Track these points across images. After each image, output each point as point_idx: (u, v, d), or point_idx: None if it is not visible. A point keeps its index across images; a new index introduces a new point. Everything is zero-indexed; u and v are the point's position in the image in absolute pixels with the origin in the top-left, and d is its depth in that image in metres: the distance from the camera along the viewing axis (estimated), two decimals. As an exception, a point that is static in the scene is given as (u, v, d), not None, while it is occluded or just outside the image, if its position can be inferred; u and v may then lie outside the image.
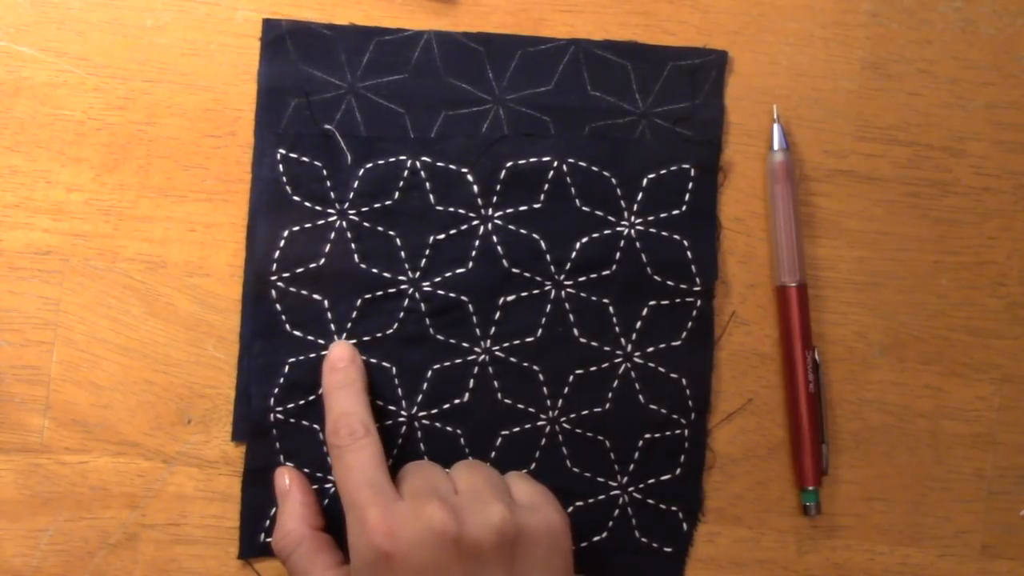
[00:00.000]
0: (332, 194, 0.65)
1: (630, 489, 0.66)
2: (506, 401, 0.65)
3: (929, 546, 0.67)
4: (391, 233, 0.65)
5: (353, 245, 0.65)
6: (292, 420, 0.65)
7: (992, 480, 0.67)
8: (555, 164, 0.65)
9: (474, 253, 0.65)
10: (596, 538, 0.66)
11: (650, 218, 0.66)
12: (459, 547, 0.55)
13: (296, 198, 0.65)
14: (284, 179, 0.65)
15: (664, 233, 0.66)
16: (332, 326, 0.65)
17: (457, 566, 0.55)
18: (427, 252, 0.65)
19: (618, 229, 0.65)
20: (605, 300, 0.65)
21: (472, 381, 0.65)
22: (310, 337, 0.65)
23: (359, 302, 0.65)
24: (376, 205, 0.65)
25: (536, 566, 0.57)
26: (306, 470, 0.65)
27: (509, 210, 0.65)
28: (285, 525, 0.62)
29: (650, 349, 0.66)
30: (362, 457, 0.58)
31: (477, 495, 0.58)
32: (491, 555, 0.55)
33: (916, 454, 0.67)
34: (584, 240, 0.65)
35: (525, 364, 0.65)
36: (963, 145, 0.67)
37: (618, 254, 0.65)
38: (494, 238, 0.65)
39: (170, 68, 0.66)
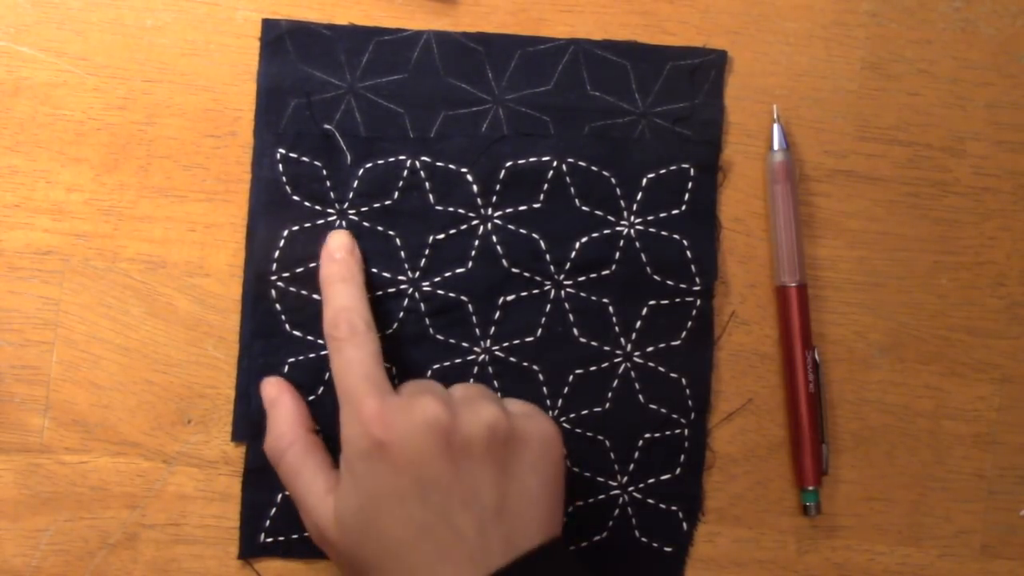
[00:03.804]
0: (332, 194, 0.65)
1: (630, 489, 0.66)
2: (506, 401, 0.65)
3: (929, 546, 0.67)
4: (391, 233, 0.65)
5: (353, 245, 0.65)
6: (292, 420, 0.65)
7: (992, 480, 0.67)
8: (554, 164, 0.65)
9: (474, 253, 0.65)
10: (596, 538, 0.66)
11: (650, 218, 0.66)
12: (450, 439, 0.55)
13: (296, 198, 0.65)
14: (284, 179, 0.65)
15: (664, 233, 0.66)
16: (332, 326, 0.65)
17: (447, 458, 0.55)
18: (427, 252, 0.65)
19: (618, 229, 0.65)
20: (605, 300, 0.65)
21: (472, 381, 0.65)
22: (310, 337, 0.65)
23: (359, 302, 0.65)
24: (376, 205, 0.65)
25: (526, 468, 0.57)
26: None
27: (509, 210, 0.65)
28: (276, 428, 0.62)
29: (650, 349, 0.66)
30: (362, 353, 0.58)
31: (471, 398, 0.58)
32: (482, 451, 0.56)
33: (916, 454, 0.67)
34: (584, 240, 0.65)
35: (525, 364, 0.65)
36: (963, 145, 0.67)
37: (618, 254, 0.65)
38: (494, 238, 0.65)
39: (170, 68, 0.66)
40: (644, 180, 0.66)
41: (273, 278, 0.65)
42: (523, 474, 0.57)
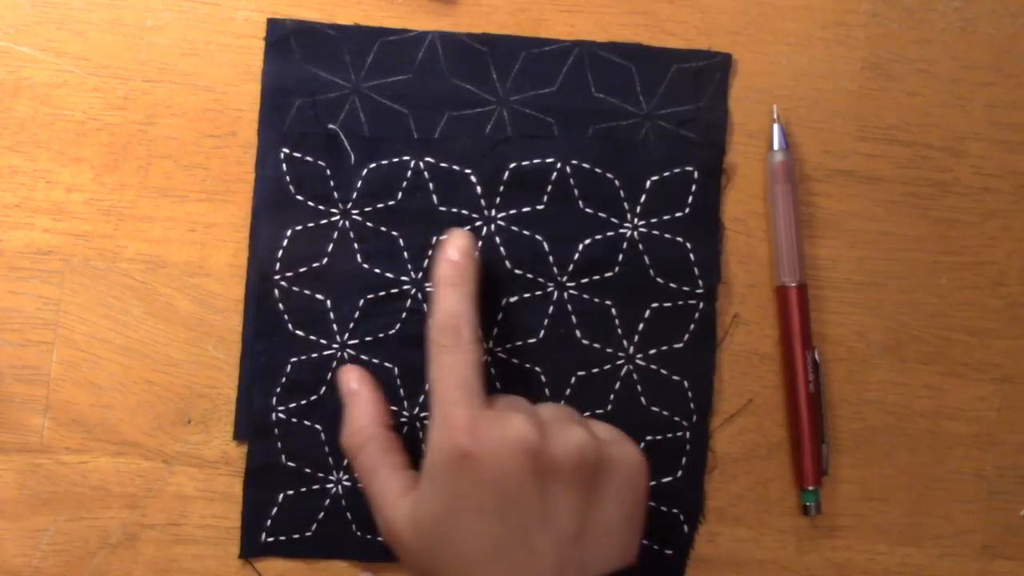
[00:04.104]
0: (335, 194, 0.65)
1: (632, 491, 0.66)
2: (508, 402, 0.65)
3: (929, 546, 0.67)
4: (394, 233, 0.65)
5: (356, 245, 0.65)
6: (294, 420, 0.65)
7: (992, 480, 0.67)
8: (558, 166, 0.65)
9: (476, 254, 0.65)
10: (599, 540, 0.66)
11: (653, 220, 0.66)
12: (538, 460, 0.54)
13: (299, 197, 0.65)
14: (288, 178, 0.65)
15: (667, 235, 0.66)
16: (334, 326, 0.65)
17: (533, 478, 0.54)
18: (430, 253, 0.65)
19: (621, 231, 0.65)
20: (607, 302, 0.65)
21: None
22: (312, 337, 0.65)
23: (362, 302, 0.65)
24: (379, 205, 0.65)
25: (610, 497, 0.56)
26: (307, 470, 0.65)
27: (512, 211, 0.65)
28: (356, 421, 0.62)
29: (652, 351, 0.66)
30: (461, 360, 0.57)
31: (562, 420, 0.57)
32: (568, 475, 0.55)
33: (916, 454, 0.67)
34: (587, 242, 0.65)
35: (527, 365, 0.65)
36: (963, 145, 0.67)
37: (621, 256, 0.65)
38: (497, 239, 0.65)
39: (170, 68, 0.66)
40: (648, 183, 0.66)
41: (276, 277, 0.65)
42: (606, 502, 0.56)
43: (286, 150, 0.65)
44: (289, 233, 0.65)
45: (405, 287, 0.65)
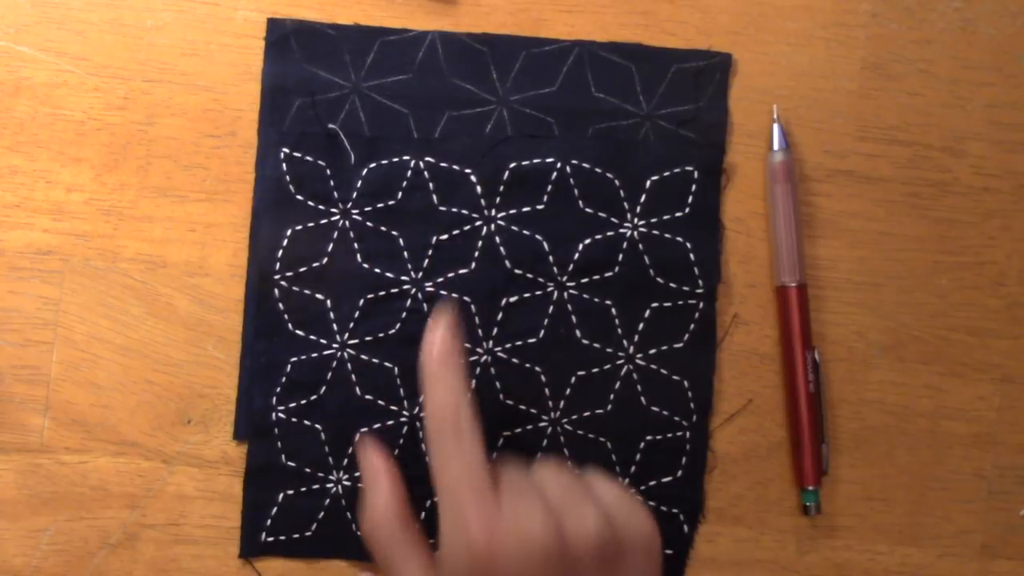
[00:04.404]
0: (335, 194, 0.65)
1: (631, 492, 0.66)
2: (508, 402, 0.65)
3: (929, 546, 0.67)
4: (394, 233, 0.65)
5: (356, 245, 0.65)
6: (294, 420, 0.65)
7: (992, 480, 0.67)
8: (558, 165, 0.65)
9: (477, 254, 0.65)
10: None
11: (653, 220, 0.66)
12: (560, 560, 0.53)
13: (300, 197, 0.65)
14: (288, 178, 0.65)
15: (667, 235, 0.66)
16: (334, 326, 0.65)
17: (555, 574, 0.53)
18: (430, 252, 0.65)
19: (621, 231, 0.65)
20: (607, 302, 0.65)
21: (474, 382, 0.65)
22: (312, 336, 0.65)
23: (362, 302, 0.65)
24: (379, 205, 0.65)
25: (629, 573, 0.55)
26: (307, 469, 0.65)
27: (512, 211, 0.65)
28: (374, 516, 0.59)
29: (652, 351, 0.66)
30: (465, 451, 0.56)
31: (572, 501, 0.56)
32: (587, 566, 0.54)
33: (916, 454, 0.67)
34: (587, 242, 0.65)
35: (527, 365, 0.65)
36: (963, 145, 0.67)
37: (621, 256, 0.65)
38: (497, 239, 0.65)
39: (170, 68, 0.66)
40: (648, 182, 0.66)
41: (276, 277, 0.65)
42: None
43: (286, 150, 0.65)
44: (289, 233, 0.65)
45: (405, 287, 0.65)
